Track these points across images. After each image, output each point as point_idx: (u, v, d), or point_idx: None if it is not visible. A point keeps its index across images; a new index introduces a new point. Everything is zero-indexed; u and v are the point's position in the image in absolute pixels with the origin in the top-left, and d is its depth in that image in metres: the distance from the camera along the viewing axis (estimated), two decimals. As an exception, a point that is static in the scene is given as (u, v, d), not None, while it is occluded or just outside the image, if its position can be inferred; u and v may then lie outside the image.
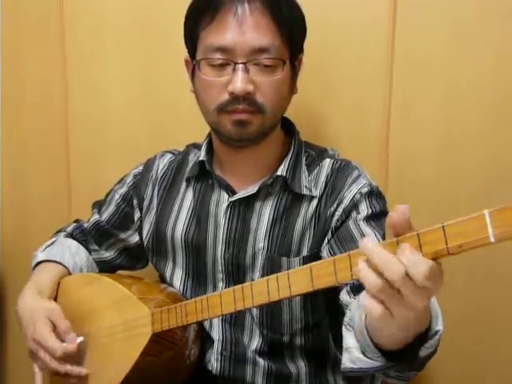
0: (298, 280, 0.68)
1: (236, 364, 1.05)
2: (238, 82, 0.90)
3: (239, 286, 0.75)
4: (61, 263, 1.11)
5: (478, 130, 1.20)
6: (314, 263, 0.66)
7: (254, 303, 0.73)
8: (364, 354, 0.71)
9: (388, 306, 0.57)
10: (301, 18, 0.99)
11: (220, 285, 1.05)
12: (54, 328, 0.98)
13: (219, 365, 1.06)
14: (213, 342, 1.06)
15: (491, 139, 1.20)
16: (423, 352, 0.67)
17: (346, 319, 0.81)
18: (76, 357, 0.97)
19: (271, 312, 1.02)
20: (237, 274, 1.03)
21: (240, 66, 0.91)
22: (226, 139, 0.99)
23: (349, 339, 0.76)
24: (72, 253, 1.15)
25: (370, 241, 0.57)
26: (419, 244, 0.55)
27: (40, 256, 1.13)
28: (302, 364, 1.05)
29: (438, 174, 1.24)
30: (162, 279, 1.14)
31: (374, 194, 1.00)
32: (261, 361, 1.04)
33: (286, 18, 0.93)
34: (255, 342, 1.04)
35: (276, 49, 0.92)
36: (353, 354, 0.73)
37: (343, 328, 0.80)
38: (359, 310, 0.74)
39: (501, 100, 1.18)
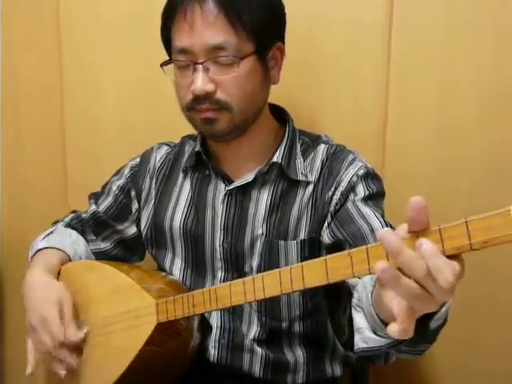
0: (312, 272, 0.67)
1: (233, 352, 1.05)
2: (197, 82, 0.92)
3: (250, 278, 0.75)
4: (62, 250, 1.11)
5: (474, 125, 1.21)
6: (329, 256, 0.66)
7: (266, 295, 0.72)
8: (375, 332, 0.72)
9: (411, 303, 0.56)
10: (266, 8, 0.95)
11: (219, 273, 1.06)
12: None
13: (216, 352, 1.06)
14: (211, 329, 1.06)
15: (487, 134, 1.21)
16: (433, 324, 0.67)
17: (354, 300, 0.81)
18: (75, 347, 0.97)
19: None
20: (236, 261, 1.04)
21: (198, 67, 0.92)
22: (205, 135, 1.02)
23: (358, 319, 0.76)
24: (72, 241, 1.15)
25: (390, 233, 0.54)
26: (441, 239, 0.54)
27: (40, 244, 1.11)
28: (299, 353, 1.06)
29: (434, 169, 1.25)
30: (162, 270, 1.13)
31: (370, 176, 1.01)
32: (258, 349, 1.04)
33: (242, 12, 0.91)
34: (253, 331, 1.05)
35: (232, 45, 0.91)
36: (364, 334, 0.74)
37: (352, 310, 0.80)
38: (366, 290, 0.74)
39: (496, 95, 1.19)
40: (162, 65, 0.99)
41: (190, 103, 0.95)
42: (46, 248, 1.11)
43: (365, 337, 0.74)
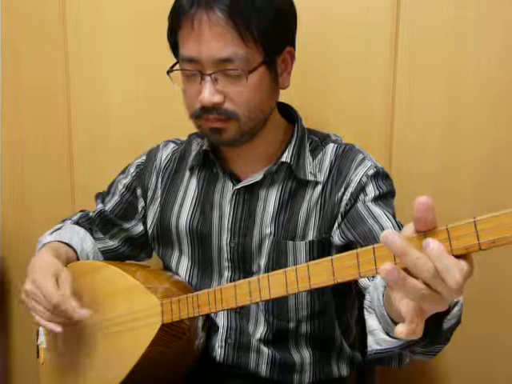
0: (318, 272, 0.67)
1: (240, 352, 1.05)
2: (205, 93, 0.91)
3: (255, 278, 0.74)
4: (70, 245, 1.11)
5: (482, 123, 1.21)
6: (335, 256, 0.65)
7: (272, 295, 0.72)
8: (388, 334, 0.71)
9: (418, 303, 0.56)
10: (276, 14, 0.92)
11: (226, 273, 1.05)
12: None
13: (223, 352, 1.06)
14: (218, 328, 1.06)
15: (494, 132, 1.20)
16: (446, 324, 0.67)
17: (366, 302, 0.81)
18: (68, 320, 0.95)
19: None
20: (243, 261, 1.03)
21: (206, 78, 0.91)
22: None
23: (371, 321, 0.76)
24: (80, 238, 1.15)
25: (394, 234, 0.53)
26: (448, 238, 0.53)
27: (48, 238, 1.11)
28: (306, 353, 1.05)
29: (441, 167, 1.24)
30: (168, 269, 1.13)
31: (380, 175, 1.00)
32: (265, 349, 1.04)
33: (251, 21, 0.89)
34: (260, 331, 1.04)
35: (241, 57, 0.89)
36: (377, 336, 0.73)
37: (364, 311, 0.80)
38: (377, 291, 0.73)
39: (504, 93, 1.19)
40: (169, 72, 0.97)
41: (197, 112, 0.94)
42: (54, 242, 1.10)
43: (378, 338, 0.73)
